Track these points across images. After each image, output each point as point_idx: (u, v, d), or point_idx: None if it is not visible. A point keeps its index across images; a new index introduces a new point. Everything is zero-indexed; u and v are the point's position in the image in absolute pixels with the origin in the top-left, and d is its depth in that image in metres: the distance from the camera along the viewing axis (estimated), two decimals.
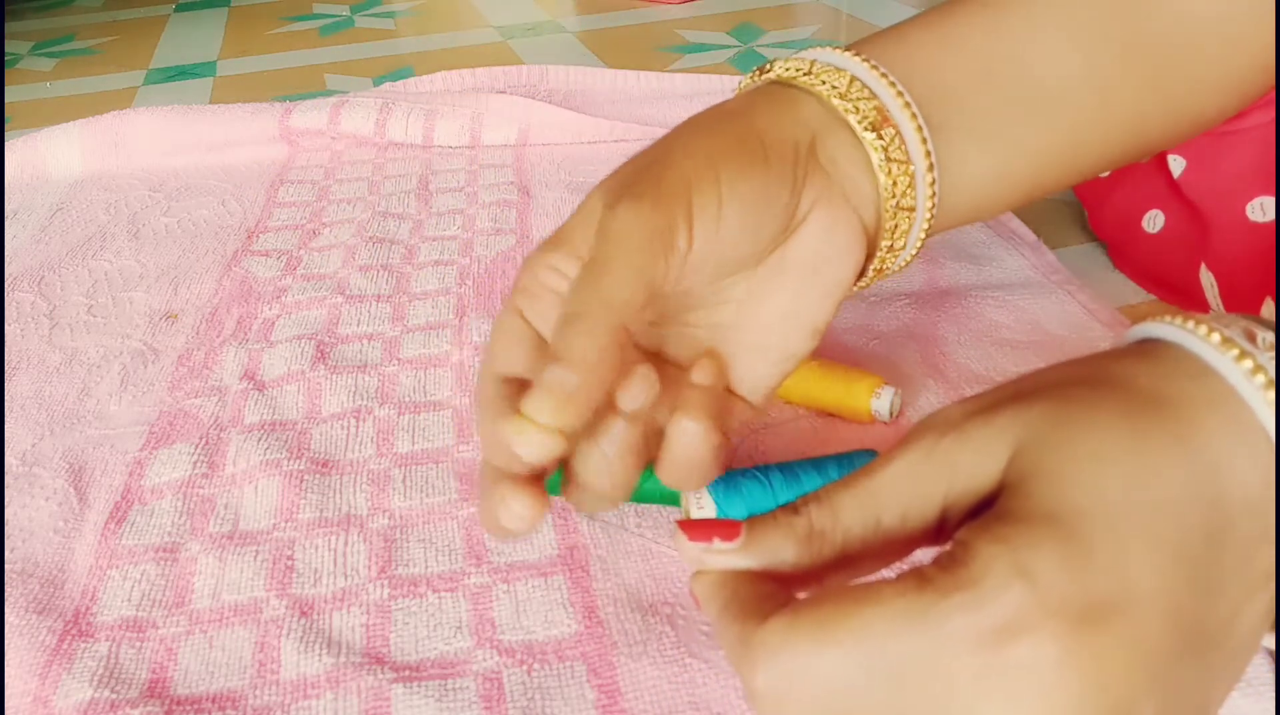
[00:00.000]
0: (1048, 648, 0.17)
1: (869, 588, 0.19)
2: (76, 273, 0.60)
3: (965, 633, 0.18)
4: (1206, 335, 0.21)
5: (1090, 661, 0.17)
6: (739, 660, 0.20)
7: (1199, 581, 0.19)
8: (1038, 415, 0.21)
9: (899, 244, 0.31)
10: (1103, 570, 0.18)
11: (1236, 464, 0.19)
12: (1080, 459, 0.19)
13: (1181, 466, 0.19)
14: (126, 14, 1.24)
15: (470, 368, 0.49)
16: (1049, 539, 0.18)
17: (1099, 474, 0.19)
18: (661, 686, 0.32)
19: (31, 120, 0.90)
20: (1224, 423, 0.20)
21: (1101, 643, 0.17)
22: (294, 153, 0.75)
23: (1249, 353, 0.20)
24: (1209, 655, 0.19)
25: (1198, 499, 0.19)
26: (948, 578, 0.18)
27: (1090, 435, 0.20)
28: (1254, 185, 0.43)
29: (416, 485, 0.42)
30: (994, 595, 0.18)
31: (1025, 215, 0.60)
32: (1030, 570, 0.18)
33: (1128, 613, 0.18)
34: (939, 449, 0.21)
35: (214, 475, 0.43)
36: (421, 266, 0.58)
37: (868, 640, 0.18)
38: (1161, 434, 0.20)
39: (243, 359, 0.50)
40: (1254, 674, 0.32)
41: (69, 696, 0.33)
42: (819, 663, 0.18)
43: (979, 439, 0.21)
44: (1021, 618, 0.17)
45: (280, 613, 0.36)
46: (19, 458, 0.44)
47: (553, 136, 0.74)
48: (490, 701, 0.32)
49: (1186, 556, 0.19)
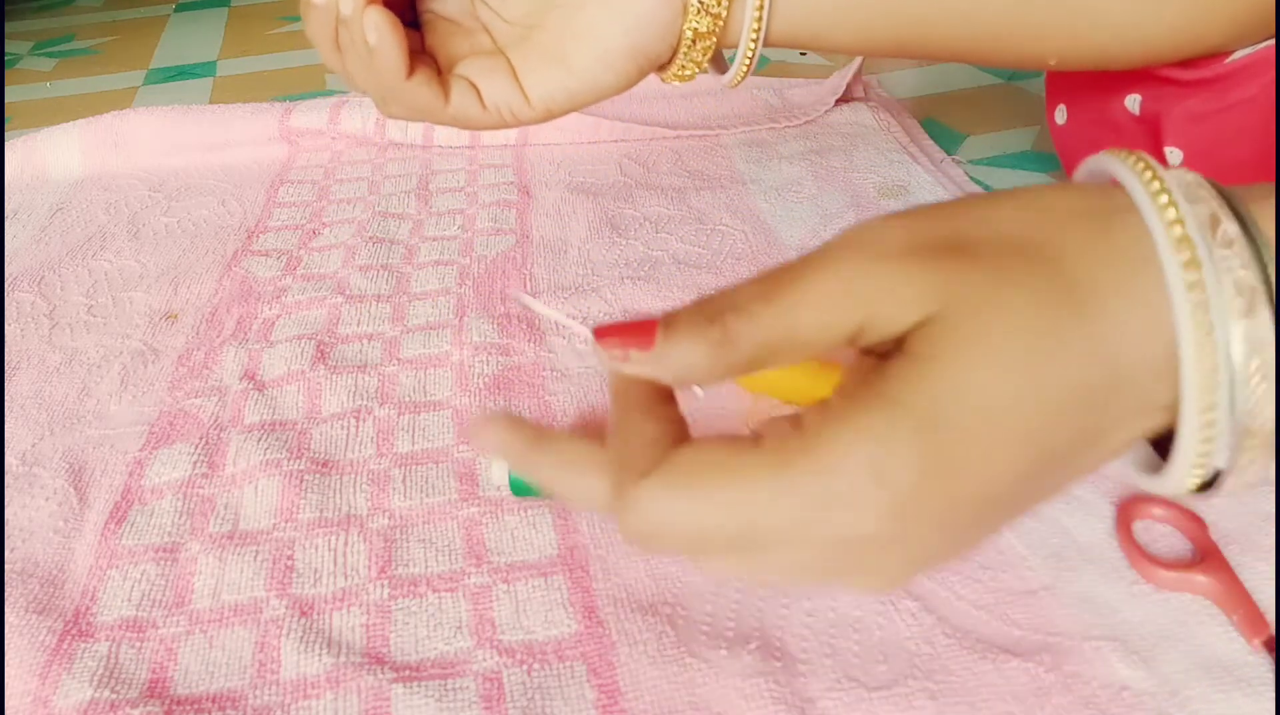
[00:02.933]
0: (891, 554, 0.20)
1: (732, 458, 0.20)
2: (76, 273, 0.60)
3: (812, 514, 0.20)
4: (1161, 208, 0.20)
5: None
6: (617, 503, 0.21)
7: (1060, 468, 0.20)
8: (965, 288, 0.20)
9: (713, 7, 0.34)
10: (960, 484, 0.19)
11: (1134, 338, 0.20)
12: (977, 365, 0.19)
13: (1073, 365, 0.20)
14: (126, 14, 1.24)
15: (470, 368, 0.49)
16: (913, 449, 0.19)
17: (989, 384, 0.19)
18: (661, 686, 0.32)
19: (31, 120, 0.90)
20: (1134, 306, 0.20)
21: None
22: (294, 153, 0.75)
23: (1188, 237, 0.20)
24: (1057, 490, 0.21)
25: (1082, 385, 0.20)
26: (808, 462, 0.19)
27: (999, 333, 0.19)
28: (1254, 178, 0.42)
29: (416, 485, 0.42)
30: (847, 497, 0.19)
31: None
32: (886, 476, 0.19)
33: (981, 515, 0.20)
34: (864, 281, 0.21)
35: (214, 475, 0.43)
36: (421, 266, 0.58)
37: (726, 508, 0.20)
38: (1070, 328, 0.20)
39: (243, 359, 0.50)
40: (1254, 674, 0.32)
41: (69, 696, 0.33)
42: (682, 521, 0.20)
43: (904, 293, 0.20)
44: (865, 522, 0.19)
45: (280, 613, 0.36)
46: (19, 458, 0.44)
47: (553, 136, 0.74)
48: (490, 701, 0.32)
49: (1048, 463, 0.20)
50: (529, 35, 0.36)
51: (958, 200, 0.22)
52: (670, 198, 0.64)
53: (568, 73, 0.35)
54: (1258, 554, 0.35)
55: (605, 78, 0.35)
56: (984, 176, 0.66)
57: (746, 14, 0.35)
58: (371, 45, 0.32)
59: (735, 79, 0.37)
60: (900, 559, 0.21)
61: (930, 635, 0.34)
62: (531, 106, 0.36)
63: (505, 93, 0.35)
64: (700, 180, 0.67)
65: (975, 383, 0.19)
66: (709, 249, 0.58)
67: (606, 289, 0.54)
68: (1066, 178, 0.59)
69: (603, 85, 0.35)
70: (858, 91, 0.78)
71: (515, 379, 0.48)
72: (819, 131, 0.73)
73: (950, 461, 0.19)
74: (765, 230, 0.60)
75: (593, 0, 0.35)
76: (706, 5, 0.34)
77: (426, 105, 0.35)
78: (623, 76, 0.35)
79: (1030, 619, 0.34)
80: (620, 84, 0.36)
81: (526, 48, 0.36)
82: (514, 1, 0.37)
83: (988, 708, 0.31)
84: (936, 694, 0.32)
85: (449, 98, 0.35)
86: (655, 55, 0.36)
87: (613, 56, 0.35)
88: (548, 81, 0.35)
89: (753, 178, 0.67)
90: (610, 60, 0.35)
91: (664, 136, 0.73)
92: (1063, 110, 0.56)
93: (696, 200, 0.64)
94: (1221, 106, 0.43)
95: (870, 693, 0.32)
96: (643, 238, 0.60)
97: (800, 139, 0.72)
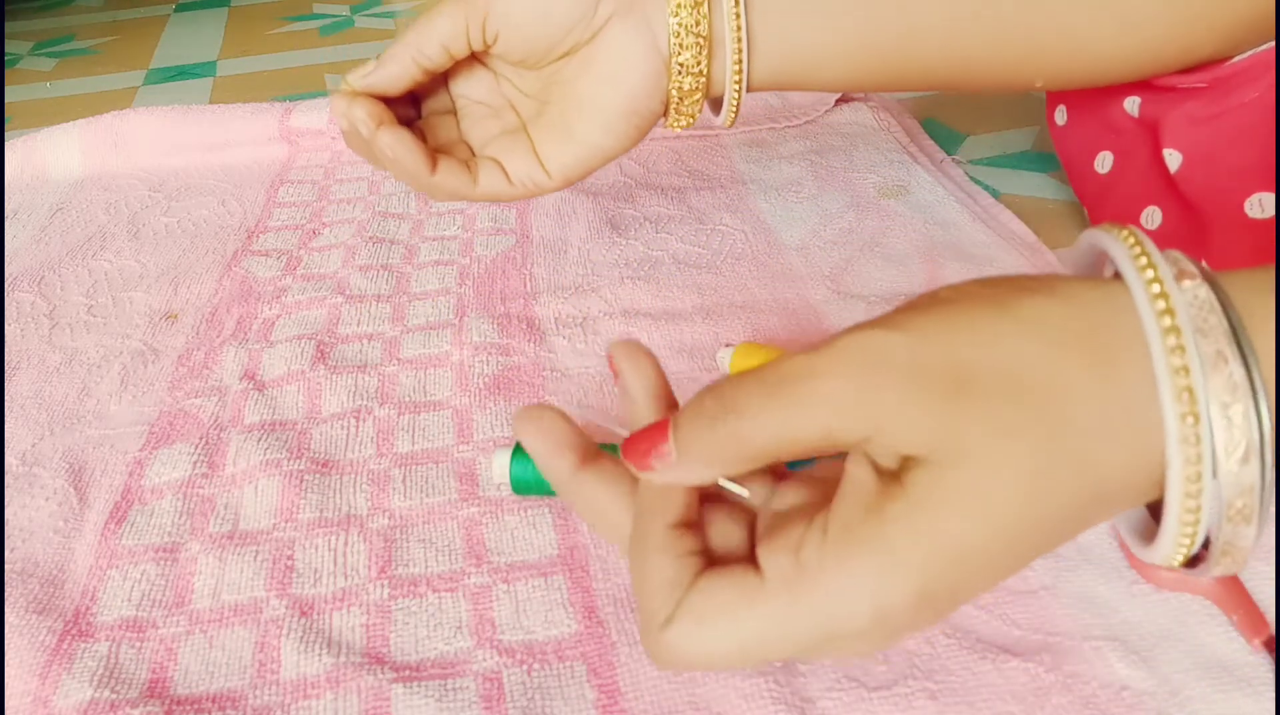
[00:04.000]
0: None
1: (741, 601, 0.22)
2: (76, 273, 0.60)
3: (817, 643, 0.22)
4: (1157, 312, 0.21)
5: None
6: (646, 641, 0.23)
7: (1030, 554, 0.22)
8: (966, 439, 0.21)
9: (694, 68, 0.37)
10: (949, 607, 0.22)
11: (1125, 474, 0.21)
12: (975, 520, 0.21)
13: (1065, 505, 0.21)
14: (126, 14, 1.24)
15: (470, 368, 0.49)
16: (909, 595, 0.21)
17: (984, 541, 0.21)
18: (661, 686, 0.32)
19: (31, 120, 0.90)
20: (1131, 454, 0.21)
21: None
22: (294, 153, 0.75)
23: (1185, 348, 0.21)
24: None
25: (1071, 518, 0.22)
26: (813, 603, 0.21)
27: (999, 490, 0.21)
28: (1252, 181, 0.42)
29: (416, 485, 0.42)
30: (849, 630, 0.21)
31: (1025, 215, 0.60)
32: (886, 614, 0.21)
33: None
34: (868, 402, 0.21)
35: (214, 475, 0.43)
36: (421, 266, 0.58)
37: (740, 645, 0.22)
38: (1065, 479, 0.21)
39: (243, 359, 0.50)
40: (1254, 674, 0.32)
41: (69, 696, 0.33)
42: (703, 658, 0.23)
43: (908, 425, 0.21)
44: (864, 645, 0.21)
45: (280, 613, 0.36)
46: (19, 458, 0.44)
47: None
48: (490, 701, 0.32)
49: (1023, 551, 0.22)
50: (543, 110, 0.40)
51: (960, 312, 0.22)
52: (670, 198, 0.64)
53: (576, 143, 0.39)
54: (1258, 554, 0.35)
55: (608, 142, 0.39)
56: (984, 176, 0.66)
57: (727, 70, 0.38)
58: (391, 159, 0.37)
59: (725, 123, 0.40)
60: (888, 644, 0.23)
61: (930, 635, 0.34)
62: (551, 177, 0.39)
63: (527, 167, 0.39)
64: (700, 180, 0.67)
65: (971, 540, 0.21)
66: (709, 249, 0.58)
67: (606, 289, 0.54)
68: (1067, 178, 0.59)
69: (608, 149, 0.39)
70: (858, 91, 0.78)
71: (515, 379, 0.48)
72: (819, 131, 0.73)
73: (942, 600, 0.21)
74: (765, 230, 0.60)
75: (588, 74, 0.38)
76: (687, 67, 0.38)
77: (456, 189, 0.39)
78: (624, 138, 0.39)
79: (1030, 619, 0.34)
80: (624, 145, 0.39)
81: (541, 123, 0.40)
82: (529, 77, 0.41)
83: (988, 708, 0.31)
84: (936, 694, 0.32)
85: (477, 179, 0.39)
86: (650, 114, 0.39)
87: (612, 122, 0.38)
88: (561, 153, 0.39)
89: (753, 178, 0.67)
90: (610, 126, 0.38)
91: (664, 136, 0.73)
92: (1063, 111, 0.56)
93: (696, 200, 0.64)
94: (1221, 109, 0.43)
95: (870, 693, 0.32)
96: (643, 238, 0.60)
97: (800, 139, 0.72)
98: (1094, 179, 0.53)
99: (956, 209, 0.60)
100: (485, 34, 0.38)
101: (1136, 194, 0.50)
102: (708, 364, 0.48)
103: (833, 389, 0.22)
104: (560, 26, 0.38)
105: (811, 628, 0.21)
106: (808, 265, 0.56)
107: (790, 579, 0.22)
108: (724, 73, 0.38)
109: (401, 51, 0.38)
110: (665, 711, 0.32)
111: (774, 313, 0.52)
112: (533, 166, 0.39)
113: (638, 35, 0.37)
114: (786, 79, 0.40)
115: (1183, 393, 0.20)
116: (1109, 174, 0.52)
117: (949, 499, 0.21)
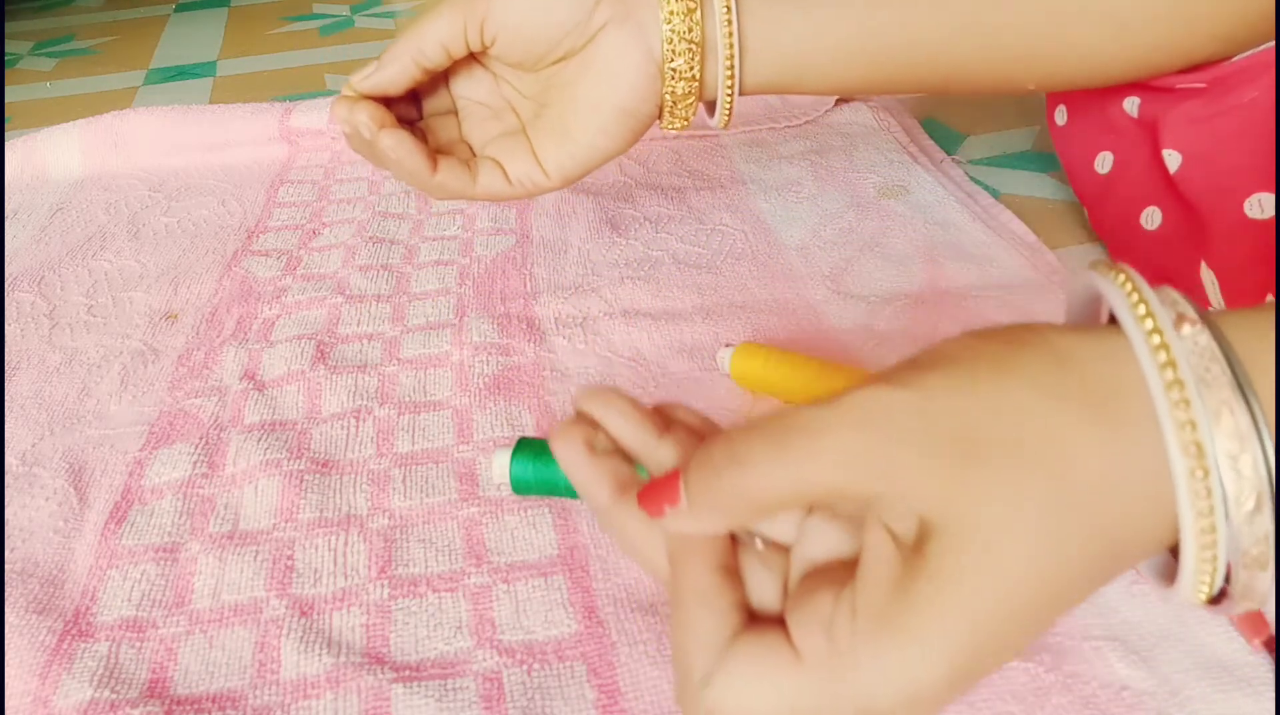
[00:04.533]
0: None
1: (778, 673, 0.23)
2: (76, 273, 0.60)
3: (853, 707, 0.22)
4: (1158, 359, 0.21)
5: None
6: (683, 699, 0.24)
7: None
8: (981, 507, 0.21)
9: (686, 73, 0.38)
10: (980, 675, 0.22)
11: (1140, 528, 0.22)
12: (997, 595, 0.21)
13: (1085, 562, 0.22)
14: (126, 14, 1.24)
15: (470, 368, 0.49)
16: (940, 674, 0.21)
17: (1008, 612, 0.21)
18: (661, 686, 0.32)
19: (31, 120, 0.90)
20: (1145, 511, 0.21)
21: None
22: (294, 153, 0.75)
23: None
24: None
25: (1091, 573, 0.22)
26: (848, 686, 0.22)
27: (1020, 561, 0.21)
28: (1252, 181, 0.42)
29: (416, 485, 0.42)
30: (880, 708, 0.21)
31: (1025, 215, 0.60)
32: (919, 696, 0.21)
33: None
34: (877, 464, 0.22)
35: (214, 475, 0.43)
36: (421, 266, 0.58)
37: (782, 708, 0.23)
38: (1083, 541, 0.21)
39: (243, 359, 0.50)
40: (1254, 674, 0.32)
41: (69, 696, 0.33)
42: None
43: (919, 490, 0.22)
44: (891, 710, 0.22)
45: (280, 613, 0.36)
46: (19, 458, 0.44)
47: None
48: (490, 701, 0.32)
49: (1031, 628, 0.22)
50: (542, 113, 0.41)
51: (963, 371, 0.23)
52: (670, 198, 0.64)
53: (574, 143, 0.40)
54: None
55: (604, 143, 0.40)
56: (984, 176, 0.66)
57: (719, 75, 0.39)
58: (393, 160, 0.38)
59: (719, 124, 0.41)
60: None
61: None
62: (549, 177, 0.40)
63: (526, 168, 0.40)
64: (700, 180, 0.67)
65: (996, 615, 0.21)
66: (709, 249, 0.58)
67: (606, 289, 0.54)
68: (1067, 178, 0.59)
69: (605, 150, 0.40)
70: (850, 95, 0.78)
71: (515, 379, 0.48)
72: (819, 131, 0.73)
73: (972, 675, 0.22)
74: (765, 230, 0.60)
75: (585, 77, 0.39)
76: (680, 72, 0.39)
77: (456, 189, 0.40)
78: (619, 139, 0.40)
79: None
80: (619, 146, 0.40)
81: (539, 124, 0.41)
82: (528, 79, 0.42)
83: (987, 707, 0.31)
84: None
85: (477, 179, 0.40)
86: (646, 116, 0.40)
87: (607, 124, 0.39)
88: (559, 154, 0.40)
89: (753, 178, 0.67)
90: (605, 127, 0.39)
91: (664, 137, 0.73)
92: (1063, 111, 0.56)
93: (696, 200, 0.64)
94: (1220, 109, 0.43)
95: None
96: (643, 238, 0.60)
97: (800, 139, 0.72)
98: (1094, 179, 0.53)
99: (956, 209, 0.60)
100: (484, 35, 0.38)
101: (1136, 194, 0.50)
102: (708, 364, 0.48)
103: (840, 444, 0.22)
104: (557, 30, 0.38)
105: (846, 705, 0.22)
106: (807, 265, 0.56)
107: (825, 660, 0.22)
108: (716, 77, 0.39)
109: (402, 51, 0.38)
110: (665, 711, 0.32)
111: (774, 313, 0.52)
112: (531, 167, 0.40)
113: (632, 41, 0.38)
114: (779, 83, 0.41)
115: (1190, 447, 0.20)
116: (1109, 174, 0.52)
117: (971, 576, 0.21)
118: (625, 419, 0.27)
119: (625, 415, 0.27)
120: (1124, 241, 0.53)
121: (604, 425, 0.28)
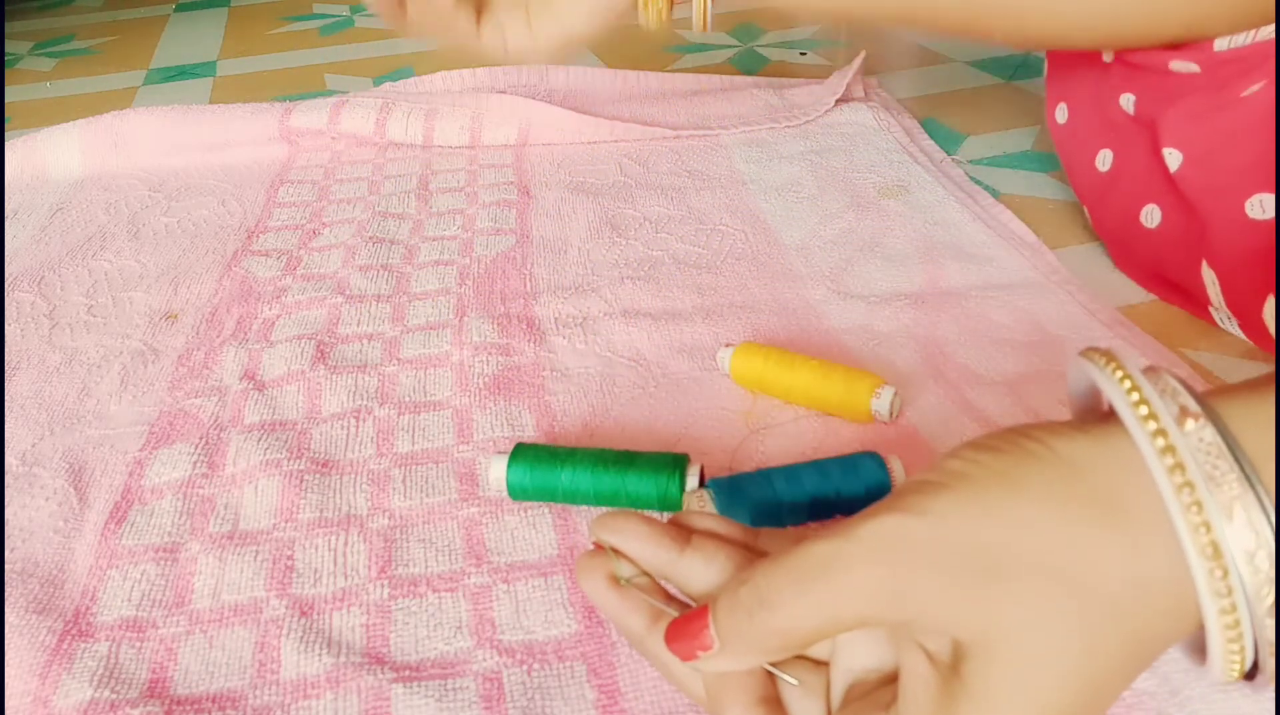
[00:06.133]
0: None
1: None
2: (76, 273, 0.60)
3: None
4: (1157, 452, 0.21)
5: None
6: None
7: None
8: (1006, 628, 0.22)
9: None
10: None
11: (1163, 623, 0.22)
12: (1031, 707, 0.21)
13: (1115, 667, 0.22)
14: (126, 14, 1.24)
15: (470, 368, 0.49)
16: None
17: (1037, 709, 0.22)
18: (661, 686, 0.32)
19: (31, 120, 0.90)
20: (1167, 615, 0.22)
21: None
22: (294, 153, 0.75)
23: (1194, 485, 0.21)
24: None
25: (1124, 671, 0.22)
26: None
27: (1050, 676, 0.21)
28: (1252, 182, 0.42)
29: (416, 485, 0.42)
30: None
31: (1025, 215, 0.60)
32: None
33: None
34: (902, 590, 0.22)
35: (214, 475, 0.43)
36: (421, 266, 0.58)
37: None
38: (1110, 649, 0.22)
39: (243, 359, 0.50)
40: None
41: (69, 696, 0.33)
42: None
43: (943, 616, 0.22)
44: None
45: (280, 613, 0.36)
46: (19, 458, 0.44)
47: (553, 136, 0.74)
48: (490, 701, 0.32)
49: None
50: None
51: (973, 492, 0.23)
52: (670, 198, 0.64)
53: (558, 19, 0.47)
54: None
55: (580, 23, 0.46)
56: (984, 176, 0.66)
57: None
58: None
59: (697, 25, 0.47)
60: None
61: None
62: (537, 47, 0.47)
63: (521, 35, 0.47)
64: (700, 180, 0.67)
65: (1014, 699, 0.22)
66: (709, 249, 0.58)
67: (606, 289, 0.54)
68: (1067, 178, 0.59)
69: (582, 29, 0.47)
70: (857, 92, 0.78)
71: (515, 379, 0.48)
72: (819, 131, 0.73)
73: None
74: (765, 230, 0.60)
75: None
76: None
77: (464, 32, 0.46)
78: (595, 19, 0.47)
79: None
80: (596, 26, 0.47)
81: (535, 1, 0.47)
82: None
83: None
84: None
85: (482, 33, 0.47)
86: (619, 6, 0.46)
87: (586, 4, 0.46)
88: (547, 26, 0.47)
89: (753, 178, 0.67)
90: (581, 7, 0.46)
91: (664, 136, 0.73)
92: (1063, 110, 0.56)
93: (696, 200, 0.64)
94: (1219, 104, 0.43)
95: None
96: (643, 238, 0.60)
97: (800, 139, 0.72)
98: (1094, 177, 0.53)
99: (956, 209, 0.60)
100: None
101: (1136, 192, 0.50)
102: (708, 364, 0.48)
103: (863, 579, 0.22)
104: None
105: None
106: (807, 265, 0.56)
107: None
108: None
109: None
110: (665, 712, 0.31)
111: (774, 313, 0.52)
112: (526, 34, 0.47)
113: None
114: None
115: (1206, 548, 0.21)
116: (1109, 171, 0.52)
117: (1009, 695, 0.22)
118: (643, 541, 0.27)
119: (642, 537, 0.27)
120: (1124, 240, 0.53)
121: (624, 551, 0.27)
